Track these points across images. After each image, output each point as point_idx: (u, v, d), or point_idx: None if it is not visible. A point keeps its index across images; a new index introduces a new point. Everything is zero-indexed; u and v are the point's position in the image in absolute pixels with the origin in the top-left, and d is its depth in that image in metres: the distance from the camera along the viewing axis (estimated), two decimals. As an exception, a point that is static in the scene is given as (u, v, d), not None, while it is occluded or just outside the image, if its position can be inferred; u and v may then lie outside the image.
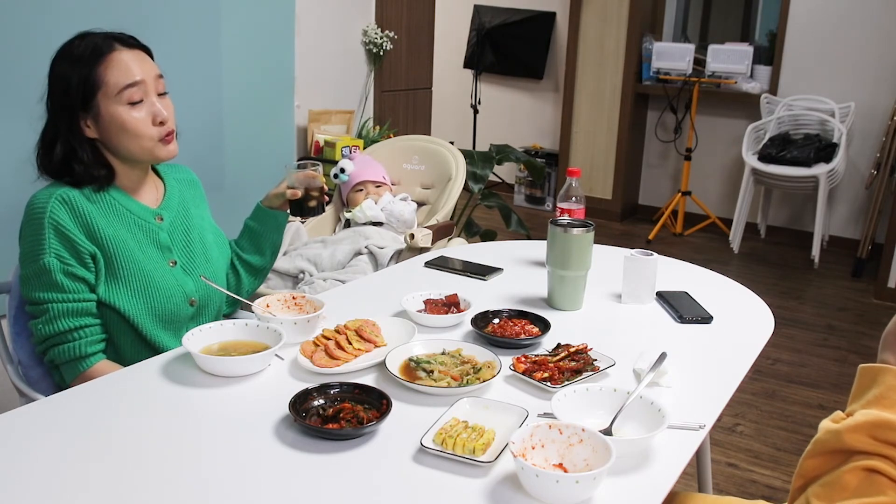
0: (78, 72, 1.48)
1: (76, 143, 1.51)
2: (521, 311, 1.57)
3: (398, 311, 1.61)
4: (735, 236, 4.90)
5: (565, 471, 1.03)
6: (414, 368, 1.32)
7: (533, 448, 1.05)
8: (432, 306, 1.61)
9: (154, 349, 1.55)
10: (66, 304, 1.49)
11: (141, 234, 1.57)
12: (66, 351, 1.50)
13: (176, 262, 1.62)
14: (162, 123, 1.53)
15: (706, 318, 1.63)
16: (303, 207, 1.72)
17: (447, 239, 2.77)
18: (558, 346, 1.42)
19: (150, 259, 1.57)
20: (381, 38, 3.83)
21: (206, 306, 1.66)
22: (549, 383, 1.29)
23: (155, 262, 1.58)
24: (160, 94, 1.55)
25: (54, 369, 1.56)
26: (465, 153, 3.20)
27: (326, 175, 3.38)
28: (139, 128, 1.51)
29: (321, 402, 1.19)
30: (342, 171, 2.86)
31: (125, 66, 1.50)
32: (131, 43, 1.54)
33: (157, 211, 1.62)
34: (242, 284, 1.81)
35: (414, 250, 2.52)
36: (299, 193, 1.71)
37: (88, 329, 1.51)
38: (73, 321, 1.49)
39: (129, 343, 1.57)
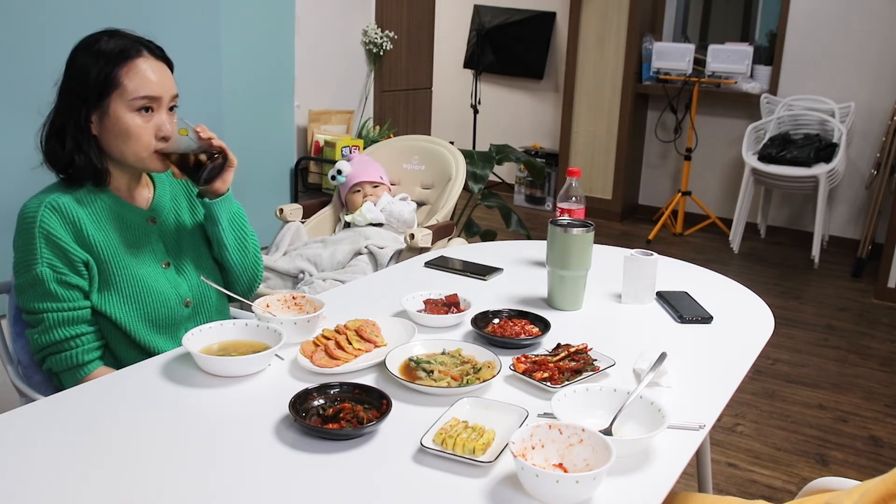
0: (100, 67, 1.47)
1: (80, 135, 1.50)
2: (521, 311, 1.57)
3: (398, 311, 1.61)
4: (735, 236, 4.90)
5: (565, 471, 1.03)
6: (414, 368, 1.32)
7: (533, 448, 1.05)
8: (432, 306, 1.61)
9: (150, 354, 1.55)
10: (61, 313, 1.48)
11: (133, 238, 1.57)
12: (63, 360, 1.50)
13: (169, 264, 1.62)
14: (164, 139, 1.53)
15: (706, 318, 1.63)
16: (194, 175, 1.56)
17: (447, 239, 2.77)
18: (558, 346, 1.42)
19: (142, 263, 1.57)
20: (381, 38, 3.83)
21: (201, 307, 1.66)
22: (549, 383, 1.29)
23: (148, 265, 1.58)
24: (170, 109, 1.55)
25: (53, 376, 1.56)
26: (465, 153, 3.20)
27: (324, 175, 3.39)
28: (140, 136, 1.50)
29: (321, 402, 1.19)
30: (339, 172, 2.86)
31: (147, 76, 1.49)
32: (158, 54, 1.54)
33: (149, 212, 1.61)
34: (230, 284, 1.79)
35: (414, 250, 2.52)
36: (177, 160, 1.55)
37: (85, 337, 1.51)
38: (69, 330, 1.49)
39: (125, 349, 1.57)
